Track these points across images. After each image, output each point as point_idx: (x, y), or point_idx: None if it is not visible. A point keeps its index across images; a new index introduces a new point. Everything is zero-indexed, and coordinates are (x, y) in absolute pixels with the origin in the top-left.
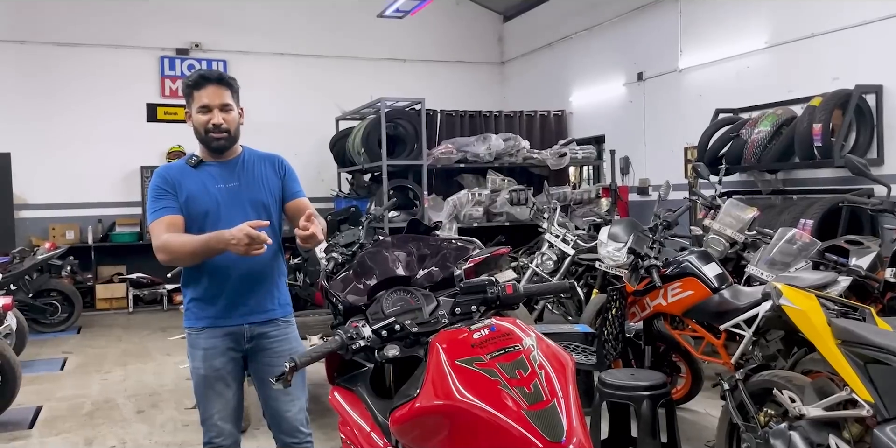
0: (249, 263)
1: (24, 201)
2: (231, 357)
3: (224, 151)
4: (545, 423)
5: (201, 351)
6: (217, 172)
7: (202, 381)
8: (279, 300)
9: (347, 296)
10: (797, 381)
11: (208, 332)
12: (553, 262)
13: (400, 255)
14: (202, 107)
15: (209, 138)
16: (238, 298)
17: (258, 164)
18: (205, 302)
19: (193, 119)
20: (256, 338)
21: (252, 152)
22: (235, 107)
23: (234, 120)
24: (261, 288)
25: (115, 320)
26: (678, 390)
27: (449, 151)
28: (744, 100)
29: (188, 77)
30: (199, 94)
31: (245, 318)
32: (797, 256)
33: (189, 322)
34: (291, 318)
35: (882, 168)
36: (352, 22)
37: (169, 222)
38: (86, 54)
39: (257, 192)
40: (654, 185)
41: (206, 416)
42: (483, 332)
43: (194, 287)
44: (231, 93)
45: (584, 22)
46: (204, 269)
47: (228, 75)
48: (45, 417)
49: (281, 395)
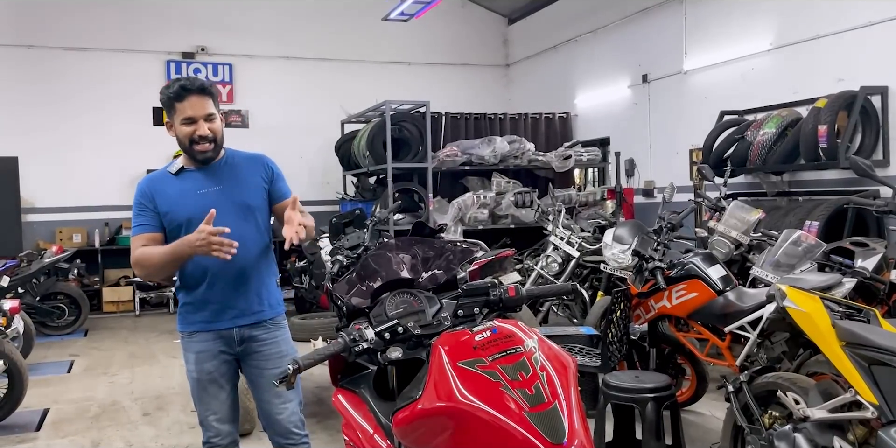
0: (237, 266)
1: (32, 205)
2: (223, 360)
3: (211, 162)
4: (547, 424)
5: (193, 354)
6: (200, 177)
7: (196, 384)
8: (268, 301)
9: (351, 298)
10: (802, 383)
11: (200, 335)
12: (558, 264)
13: (404, 258)
14: (186, 118)
15: (194, 150)
16: (226, 302)
17: (242, 166)
18: (195, 306)
19: (177, 130)
20: (247, 341)
21: (235, 153)
22: (218, 114)
23: (218, 128)
24: (248, 290)
25: (121, 323)
26: (683, 392)
27: (454, 154)
28: (749, 101)
29: (168, 87)
30: (181, 106)
31: (234, 322)
32: (802, 258)
33: (182, 326)
34: (282, 320)
35: (887, 169)
36: (357, 25)
37: (145, 240)
38: (93, 58)
39: (242, 194)
40: (659, 187)
41: (202, 417)
42: (485, 334)
43: (185, 292)
44: (213, 101)
45: (589, 24)
46: (193, 275)
47: (208, 82)
48: (52, 420)
49: (273, 398)
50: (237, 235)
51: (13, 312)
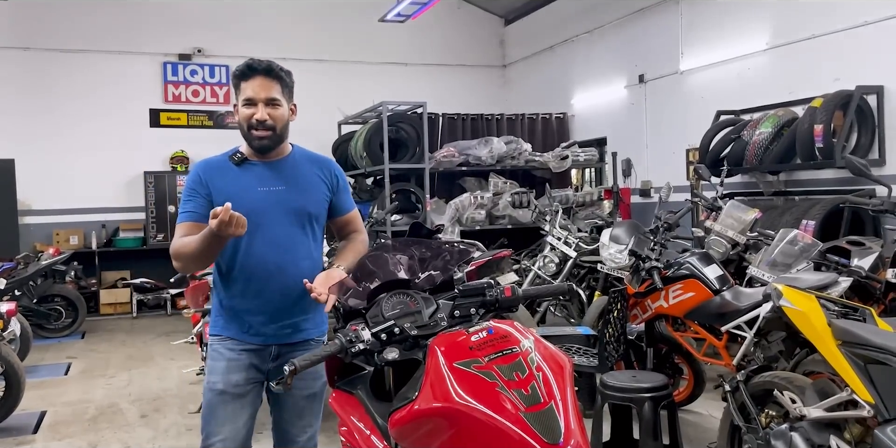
0: (290, 276)
1: (29, 207)
2: (253, 376)
3: (267, 151)
4: (543, 424)
5: (224, 362)
6: (261, 173)
7: (218, 398)
8: (314, 318)
9: (348, 299)
10: (798, 382)
11: (233, 343)
12: (555, 264)
13: (401, 259)
14: (246, 100)
15: (251, 136)
16: (275, 314)
17: (307, 167)
18: (237, 311)
19: (238, 112)
20: (282, 356)
21: (302, 152)
22: (285, 103)
23: (281, 117)
24: (299, 305)
25: (118, 325)
26: (680, 392)
27: (451, 155)
28: (745, 101)
29: (237, 67)
30: (245, 86)
31: (277, 338)
32: (799, 257)
33: (216, 329)
34: (324, 338)
35: (883, 169)
36: (353, 26)
37: (190, 228)
38: (89, 60)
39: (304, 199)
40: (656, 187)
41: (207, 442)
42: (481, 334)
43: (228, 293)
44: (281, 86)
45: (586, 25)
46: (240, 275)
47: (281, 67)
48: (50, 422)
49: (295, 420)
50: (290, 242)
51: (10, 315)
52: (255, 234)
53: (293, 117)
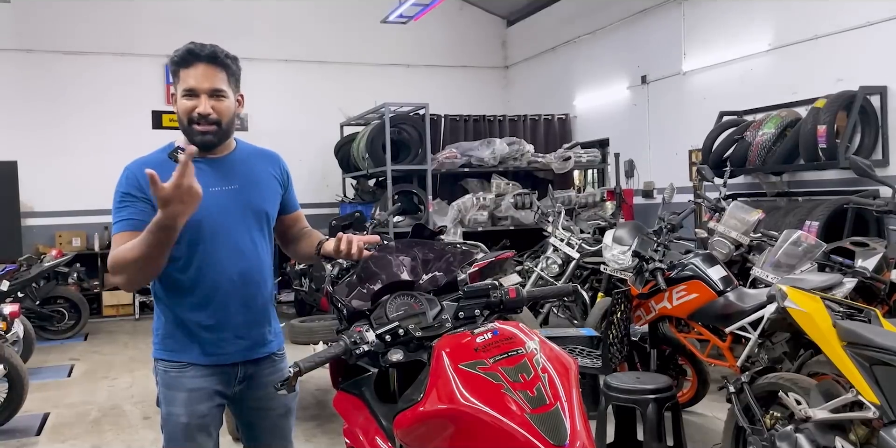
0: (250, 285)
1: (31, 209)
2: (217, 403)
3: (211, 148)
4: (548, 426)
5: (185, 393)
6: (209, 171)
7: (182, 432)
8: (274, 328)
9: (352, 301)
10: (803, 383)
11: (194, 370)
12: (558, 265)
13: (404, 260)
14: (187, 90)
15: (193, 130)
16: (240, 328)
17: (256, 162)
18: (195, 329)
19: (177, 104)
20: (248, 378)
21: (247, 147)
22: (231, 94)
23: (226, 110)
24: (262, 314)
25: (121, 327)
26: (684, 393)
27: (453, 156)
28: (748, 102)
29: (175, 51)
30: (185, 74)
31: (244, 354)
32: (802, 258)
33: (166, 354)
34: (284, 350)
35: (887, 169)
36: (355, 28)
37: (129, 238)
38: (91, 62)
39: (260, 198)
40: (659, 188)
41: None
42: (486, 335)
43: (178, 307)
44: (227, 75)
45: (588, 26)
46: (198, 287)
47: (227, 53)
48: (53, 424)
49: (278, 441)
50: (252, 246)
51: (13, 317)
52: (215, 240)
53: (240, 110)
